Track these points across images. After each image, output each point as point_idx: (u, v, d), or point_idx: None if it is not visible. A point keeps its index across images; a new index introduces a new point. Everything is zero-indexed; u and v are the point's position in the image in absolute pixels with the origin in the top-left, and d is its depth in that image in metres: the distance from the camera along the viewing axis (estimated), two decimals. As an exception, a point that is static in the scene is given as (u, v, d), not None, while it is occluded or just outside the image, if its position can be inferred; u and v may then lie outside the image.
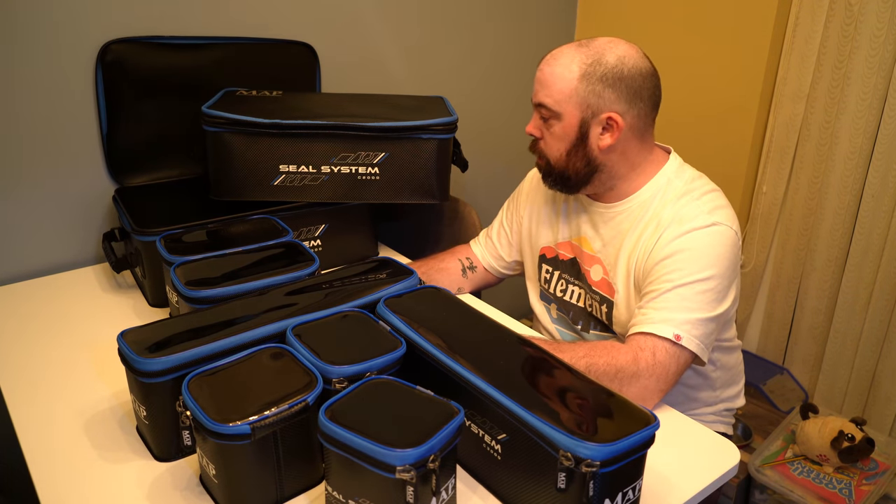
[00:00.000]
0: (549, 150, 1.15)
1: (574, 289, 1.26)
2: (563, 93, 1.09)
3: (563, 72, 1.09)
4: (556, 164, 1.15)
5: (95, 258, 1.47)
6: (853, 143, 1.73)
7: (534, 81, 1.14)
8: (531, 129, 1.17)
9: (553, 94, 1.10)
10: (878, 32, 1.63)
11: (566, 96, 1.09)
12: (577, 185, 1.16)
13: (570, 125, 1.10)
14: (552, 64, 1.11)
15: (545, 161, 1.17)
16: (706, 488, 0.88)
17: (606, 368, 1.00)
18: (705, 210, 1.09)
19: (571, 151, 1.12)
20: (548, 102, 1.10)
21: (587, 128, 1.10)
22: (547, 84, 1.10)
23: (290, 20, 1.59)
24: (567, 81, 1.08)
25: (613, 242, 1.18)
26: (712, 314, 1.05)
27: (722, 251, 1.07)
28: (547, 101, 1.11)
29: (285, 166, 1.33)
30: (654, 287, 1.07)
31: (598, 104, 1.08)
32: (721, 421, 1.28)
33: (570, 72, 1.08)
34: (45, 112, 1.35)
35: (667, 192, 1.14)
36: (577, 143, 1.11)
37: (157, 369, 0.84)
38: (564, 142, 1.12)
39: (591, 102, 1.08)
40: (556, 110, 1.10)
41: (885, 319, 1.77)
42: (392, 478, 0.69)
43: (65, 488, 0.84)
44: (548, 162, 1.16)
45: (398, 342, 0.89)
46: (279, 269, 1.09)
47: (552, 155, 1.15)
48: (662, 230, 1.10)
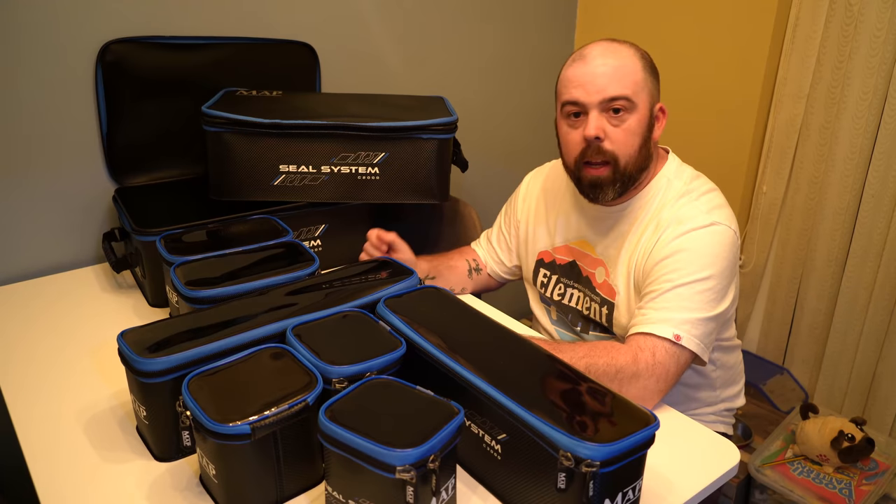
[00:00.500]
0: (621, 149, 1.09)
1: (573, 292, 1.26)
2: (637, 84, 1.08)
3: (629, 63, 1.08)
4: (628, 162, 1.09)
5: (95, 258, 1.47)
6: (853, 143, 1.73)
7: (587, 79, 1.07)
8: (596, 130, 1.07)
9: (630, 85, 1.07)
10: (878, 32, 1.63)
11: (640, 87, 1.08)
12: (632, 184, 1.13)
13: (644, 116, 1.09)
14: (614, 56, 1.08)
15: (611, 166, 1.09)
16: (706, 488, 0.88)
17: (606, 368, 1.00)
18: (704, 210, 1.09)
19: (642, 146, 1.10)
20: (627, 93, 1.07)
21: (653, 119, 1.11)
22: (619, 76, 1.07)
23: (290, 20, 1.59)
24: (637, 72, 1.08)
25: (614, 244, 1.18)
26: (712, 314, 1.05)
27: (720, 251, 1.07)
28: (626, 91, 1.06)
29: (285, 166, 1.33)
30: (654, 287, 1.07)
31: (655, 94, 1.11)
32: (721, 421, 1.28)
33: (636, 63, 1.08)
34: (45, 112, 1.35)
35: (666, 192, 1.14)
36: (647, 136, 1.11)
37: (157, 369, 0.84)
38: (638, 136, 1.09)
39: (653, 92, 1.10)
40: (635, 101, 1.07)
41: (885, 319, 1.77)
42: (392, 478, 0.69)
43: (65, 488, 0.84)
44: (616, 165, 1.09)
45: (398, 342, 0.89)
46: (279, 269, 1.09)
47: (625, 153, 1.09)
48: (662, 231, 1.10)
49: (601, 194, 1.12)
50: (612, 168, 1.10)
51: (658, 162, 1.17)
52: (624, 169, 1.10)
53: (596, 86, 1.07)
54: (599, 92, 1.07)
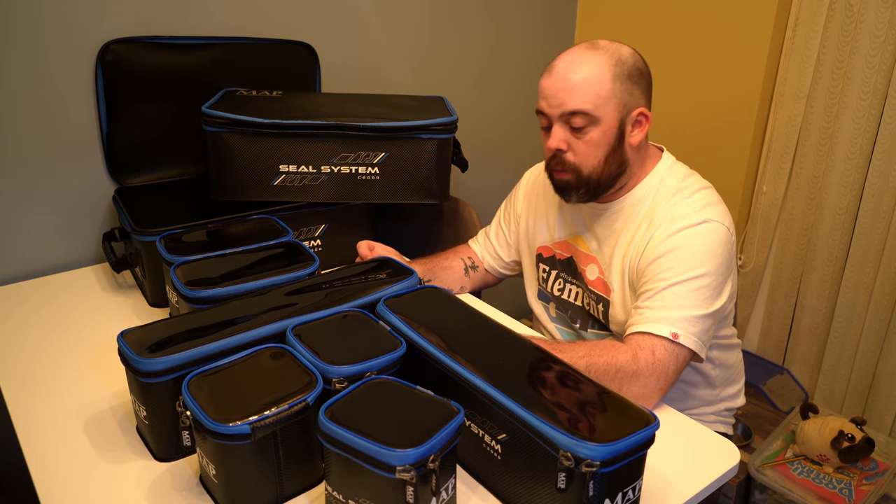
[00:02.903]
0: (583, 161, 1.10)
1: (572, 288, 1.27)
2: (600, 96, 1.06)
3: (594, 75, 1.06)
4: (592, 172, 1.10)
5: (95, 258, 1.47)
6: (853, 143, 1.73)
7: (549, 92, 1.08)
8: (557, 143, 1.09)
9: (591, 99, 1.06)
10: (878, 32, 1.63)
11: (604, 99, 1.06)
12: (604, 190, 1.14)
13: (610, 128, 1.08)
14: (576, 70, 1.06)
15: (573, 174, 1.11)
16: (706, 488, 0.88)
17: (606, 368, 1.00)
18: (696, 207, 1.09)
19: (609, 155, 1.10)
20: (586, 108, 1.06)
21: (623, 128, 1.09)
22: (579, 90, 1.06)
23: (290, 20, 1.59)
24: (602, 84, 1.06)
25: (608, 241, 1.18)
26: (708, 311, 1.05)
27: (714, 248, 1.07)
28: (585, 106, 1.06)
29: (285, 166, 1.33)
30: (650, 286, 1.07)
31: (630, 102, 1.08)
32: (721, 421, 1.28)
33: (602, 74, 1.06)
34: (45, 112, 1.35)
35: (659, 190, 1.14)
36: (616, 146, 1.09)
37: (157, 369, 0.84)
38: (603, 147, 1.09)
39: (626, 101, 1.08)
40: (596, 115, 1.06)
41: (885, 319, 1.77)
42: (392, 478, 0.69)
43: (65, 488, 0.84)
44: (578, 174, 1.11)
45: (398, 342, 0.89)
46: (279, 269, 1.09)
47: (587, 164, 1.10)
48: (655, 229, 1.10)
49: (568, 197, 1.15)
50: (576, 175, 1.12)
51: (650, 160, 1.17)
52: (588, 177, 1.11)
53: (557, 99, 1.08)
54: (559, 106, 1.08)
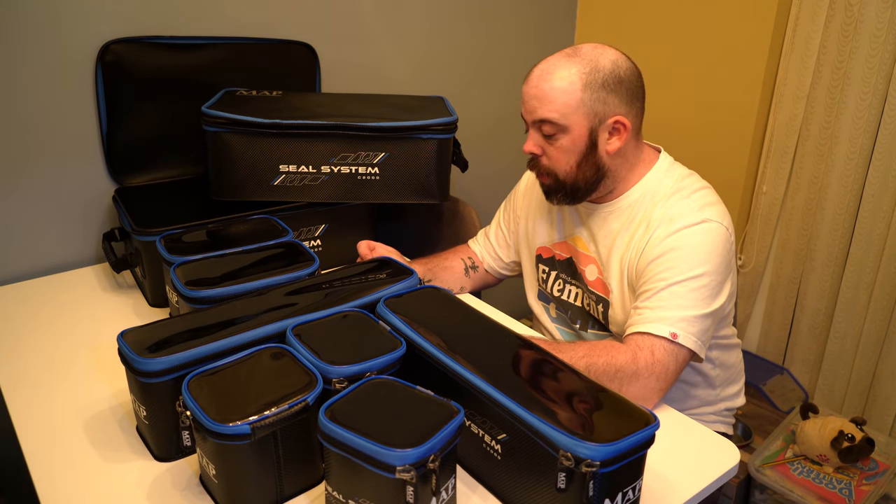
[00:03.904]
0: (556, 166, 1.12)
1: (571, 288, 1.27)
2: (568, 105, 1.07)
3: (563, 84, 1.07)
4: (566, 177, 1.13)
5: (95, 258, 1.47)
6: (853, 143, 1.73)
7: (524, 98, 1.12)
8: (531, 147, 1.13)
9: (558, 108, 1.07)
10: (878, 32, 1.63)
11: (572, 108, 1.07)
12: (585, 194, 1.15)
13: (580, 136, 1.09)
14: (548, 79, 1.08)
15: (551, 178, 1.14)
16: (706, 488, 0.88)
17: (606, 368, 1.00)
18: (695, 207, 1.09)
19: (581, 162, 1.11)
20: (553, 117, 1.08)
21: (596, 136, 1.09)
22: (548, 99, 1.08)
23: (290, 20, 1.59)
24: (570, 94, 1.07)
25: (605, 242, 1.18)
26: (707, 311, 1.06)
27: (713, 248, 1.07)
28: (552, 115, 1.08)
29: (285, 166, 1.33)
30: (648, 286, 1.07)
31: (604, 110, 1.08)
32: (721, 421, 1.28)
33: (572, 83, 1.07)
34: (45, 112, 1.35)
35: (657, 190, 1.14)
36: (587, 153, 1.10)
37: (157, 369, 0.84)
38: (573, 154, 1.10)
39: (598, 110, 1.08)
40: (564, 124, 1.08)
41: (885, 319, 1.77)
42: (392, 478, 0.69)
43: (65, 488, 0.84)
44: (555, 178, 1.14)
45: (398, 342, 0.89)
46: (279, 269, 1.09)
47: (560, 169, 1.12)
48: (653, 229, 1.10)
49: (551, 199, 1.19)
50: (553, 179, 1.15)
51: (645, 162, 1.17)
52: (564, 181, 1.13)
53: (530, 105, 1.11)
54: (530, 113, 1.12)
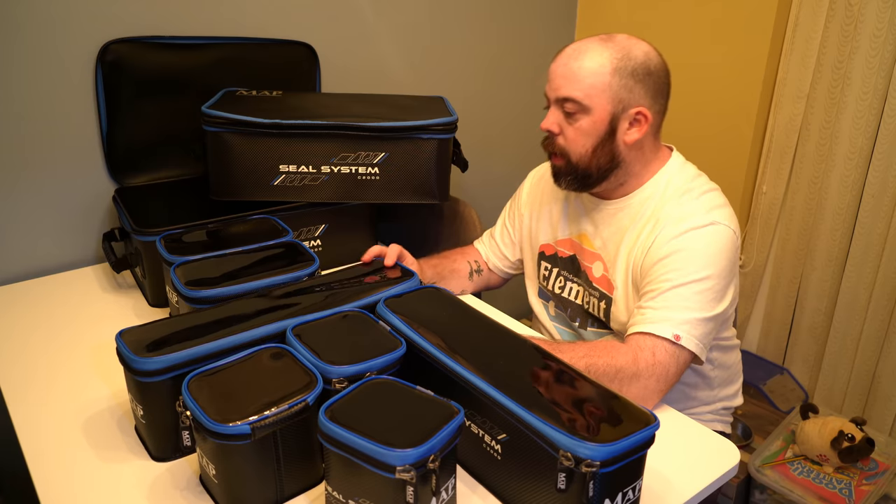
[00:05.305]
0: (571, 147, 1.12)
1: (572, 286, 1.27)
2: (595, 87, 1.07)
3: (593, 66, 1.07)
4: (579, 160, 1.12)
5: (95, 258, 1.47)
6: (853, 143, 1.73)
7: (552, 76, 1.11)
8: (549, 125, 1.12)
9: (584, 88, 1.07)
10: (878, 32, 1.63)
11: (599, 90, 1.07)
12: (595, 182, 1.14)
13: (601, 119, 1.09)
14: (579, 58, 1.08)
15: (564, 159, 1.13)
16: (706, 488, 0.88)
17: (606, 369, 1.00)
18: (704, 209, 1.09)
19: (598, 147, 1.10)
20: (577, 96, 1.08)
21: (616, 122, 1.09)
22: (575, 78, 1.08)
23: (290, 20, 1.59)
24: (599, 75, 1.07)
25: (613, 239, 1.18)
26: (711, 314, 1.05)
27: (720, 251, 1.07)
28: (576, 94, 1.08)
29: (285, 166, 1.33)
30: (653, 287, 1.07)
31: (629, 99, 1.08)
32: (719, 420, 1.28)
33: (602, 66, 1.07)
34: (45, 112, 1.35)
35: (667, 189, 1.14)
36: (605, 139, 1.10)
37: (154, 368, 0.84)
38: (592, 137, 1.10)
39: (623, 97, 1.08)
40: (587, 104, 1.08)
41: (885, 319, 1.77)
42: (392, 478, 0.69)
43: (64, 488, 0.84)
44: (568, 160, 1.13)
45: (398, 342, 0.89)
46: (279, 269, 1.09)
47: (575, 151, 1.12)
48: (661, 229, 1.10)
49: (559, 182, 1.17)
50: (565, 161, 1.13)
51: (658, 160, 1.17)
52: (576, 165, 1.12)
53: (554, 84, 1.11)
54: (555, 90, 1.11)
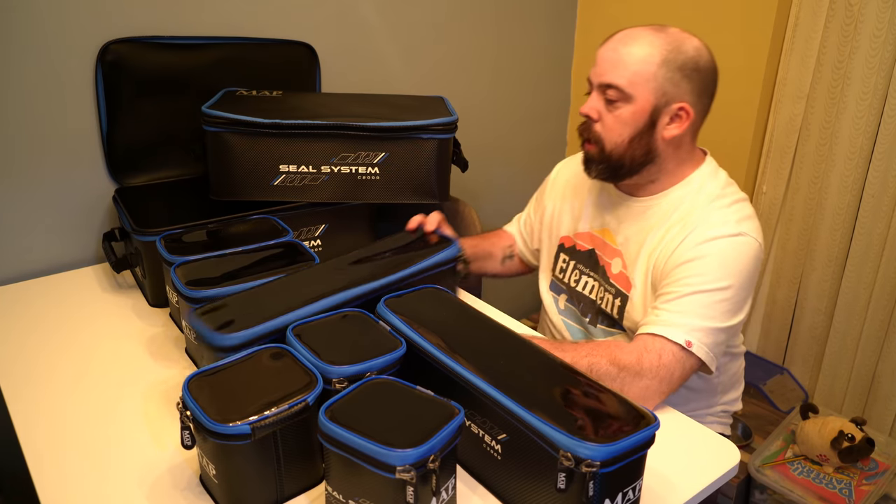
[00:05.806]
0: (608, 134, 1.09)
1: (588, 280, 1.25)
2: (640, 75, 1.05)
3: (642, 54, 1.05)
4: (614, 149, 1.09)
5: (95, 258, 1.47)
6: (853, 143, 1.73)
7: (598, 59, 1.09)
8: (589, 110, 1.10)
9: (629, 76, 1.05)
10: (878, 32, 1.63)
11: (644, 79, 1.05)
12: (626, 174, 1.12)
13: (642, 110, 1.06)
14: (629, 44, 1.06)
15: (598, 147, 1.11)
16: (706, 488, 0.88)
17: (609, 368, 0.99)
18: (734, 219, 1.07)
19: (635, 138, 1.08)
20: (621, 84, 1.05)
21: (657, 115, 1.07)
22: (622, 64, 1.05)
23: (290, 20, 1.59)
24: (647, 64, 1.04)
25: (637, 237, 1.16)
26: (726, 324, 1.04)
27: (744, 262, 1.05)
28: (620, 82, 1.05)
29: (285, 166, 1.33)
30: (672, 289, 1.05)
31: (673, 93, 1.06)
32: (718, 421, 1.28)
33: (651, 55, 1.05)
34: (45, 112, 1.35)
35: (698, 193, 1.12)
36: (644, 130, 1.07)
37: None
38: (630, 127, 1.07)
39: (668, 90, 1.05)
40: (630, 93, 1.05)
41: (885, 319, 1.77)
42: (392, 478, 0.69)
43: (65, 489, 0.84)
44: (602, 148, 1.10)
45: (398, 342, 0.89)
46: (279, 268, 1.09)
47: (612, 139, 1.09)
48: (688, 232, 1.08)
49: (589, 171, 1.15)
50: (599, 149, 1.11)
51: (692, 162, 1.15)
52: (610, 154, 1.10)
53: (599, 68, 1.09)
54: (599, 75, 1.09)
